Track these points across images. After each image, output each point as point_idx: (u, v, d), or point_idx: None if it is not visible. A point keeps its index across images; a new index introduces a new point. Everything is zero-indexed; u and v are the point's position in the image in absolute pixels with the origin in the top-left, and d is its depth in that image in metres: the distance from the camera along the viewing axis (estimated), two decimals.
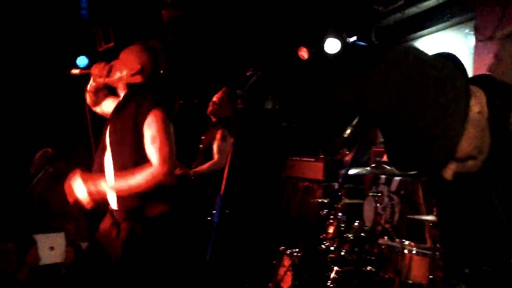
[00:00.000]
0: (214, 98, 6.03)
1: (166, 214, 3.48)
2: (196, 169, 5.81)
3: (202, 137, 6.15)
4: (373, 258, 4.73)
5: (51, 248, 4.15)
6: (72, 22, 7.05)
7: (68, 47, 7.49)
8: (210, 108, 6.04)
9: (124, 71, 3.61)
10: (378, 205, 4.98)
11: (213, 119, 6.08)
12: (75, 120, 7.74)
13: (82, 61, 7.39)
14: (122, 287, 3.37)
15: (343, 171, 5.38)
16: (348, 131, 2.22)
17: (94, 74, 3.68)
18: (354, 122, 2.20)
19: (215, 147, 5.86)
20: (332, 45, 6.68)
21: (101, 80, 3.69)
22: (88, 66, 3.82)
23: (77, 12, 6.73)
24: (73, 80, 3.79)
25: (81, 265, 3.81)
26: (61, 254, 4.19)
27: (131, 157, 3.43)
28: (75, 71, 3.79)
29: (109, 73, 3.63)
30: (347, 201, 5.21)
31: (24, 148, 6.16)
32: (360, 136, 2.21)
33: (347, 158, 6.80)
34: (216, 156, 5.81)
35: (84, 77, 3.78)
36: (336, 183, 5.44)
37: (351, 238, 4.91)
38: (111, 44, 5.92)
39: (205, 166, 5.75)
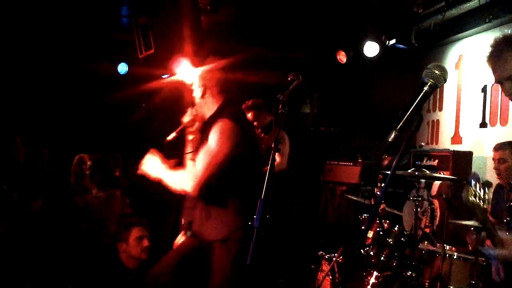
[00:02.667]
0: (250, 120, 6.13)
1: None
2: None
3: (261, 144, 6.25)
4: (413, 263, 4.67)
5: None
6: (112, 29, 7.21)
7: (109, 54, 7.67)
8: (257, 131, 6.21)
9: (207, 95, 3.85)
10: (418, 209, 4.92)
11: (262, 134, 6.23)
12: (113, 127, 7.94)
13: (122, 68, 7.56)
14: None
15: (382, 176, 5.34)
16: (393, 135, 2.20)
17: (187, 126, 3.90)
18: (399, 126, 2.18)
19: None
20: (371, 48, 6.64)
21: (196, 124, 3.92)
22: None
23: (118, 20, 6.87)
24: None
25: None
26: None
27: None
28: (170, 137, 3.89)
29: (194, 115, 3.86)
30: (387, 209, 5.18)
31: (65, 154, 6.32)
32: (405, 140, 2.20)
33: (386, 162, 6.74)
34: (278, 158, 5.87)
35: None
36: (375, 187, 5.40)
37: (391, 242, 4.86)
38: (151, 51, 5.99)
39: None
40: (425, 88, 2.19)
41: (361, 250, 4.83)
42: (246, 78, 7.67)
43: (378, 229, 4.93)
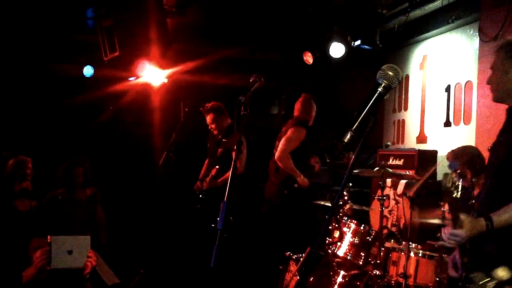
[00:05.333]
0: (208, 123, 6.35)
1: None
2: (222, 178, 6.07)
3: (219, 149, 6.33)
4: (379, 261, 4.72)
5: (69, 251, 3.93)
6: (77, 31, 7.13)
7: (75, 56, 7.58)
8: (215, 133, 6.39)
9: None
10: (384, 208, 4.97)
11: (220, 136, 6.33)
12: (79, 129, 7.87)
13: (88, 70, 7.48)
14: None
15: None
16: (348, 136, 2.23)
17: None
18: (354, 127, 2.22)
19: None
20: (336, 49, 6.69)
21: None
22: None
23: (83, 22, 6.79)
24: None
25: None
26: (81, 258, 3.96)
27: None
28: None
29: None
30: (355, 207, 5.22)
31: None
32: (361, 141, 2.23)
33: (351, 163, 6.79)
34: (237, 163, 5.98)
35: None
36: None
37: (357, 241, 4.90)
38: (116, 54, 5.94)
39: (228, 174, 5.86)
40: (379, 89, 2.22)
41: (323, 251, 4.88)
42: (212, 80, 7.70)
43: (344, 228, 4.97)
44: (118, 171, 7.82)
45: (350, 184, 5.61)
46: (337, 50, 6.70)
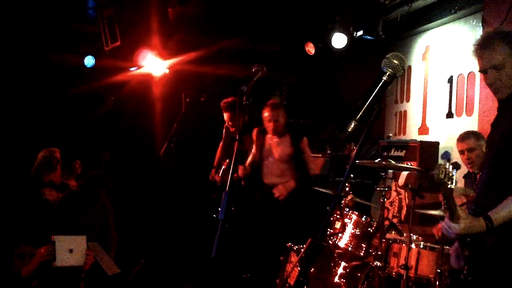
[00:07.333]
0: (226, 120, 6.30)
1: None
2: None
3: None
4: (380, 253, 4.71)
5: (70, 250, 4.01)
6: (78, 21, 7.11)
7: (76, 46, 7.56)
8: (231, 130, 6.36)
9: None
10: (385, 200, 4.96)
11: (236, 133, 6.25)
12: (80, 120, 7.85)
13: (89, 61, 7.45)
14: None
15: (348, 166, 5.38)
16: (352, 125, 2.21)
17: None
18: (358, 116, 2.20)
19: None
20: (339, 40, 6.64)
21: None
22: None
23: (84, 12, 6.77)
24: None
25: None
26: (80, 257, 4.05)
27: None
28: None
29: None
30: (356, 199, 5.21)
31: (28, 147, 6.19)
32: (365, 130, 2.21)
33: (354, 153, 6.78)
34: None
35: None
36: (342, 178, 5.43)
37: (359, 233, 4.89)
38: (117, 43, 5.92)
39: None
40: (384, 78, 2.20)
41: (324, 242, 4.87)
42: (213, 71, 7.68)
43: (346, 219, 4.96)
44: (118, 162, 7.83)
45: (352, 175, 5.60)
46: (339, 40, 6.64)
